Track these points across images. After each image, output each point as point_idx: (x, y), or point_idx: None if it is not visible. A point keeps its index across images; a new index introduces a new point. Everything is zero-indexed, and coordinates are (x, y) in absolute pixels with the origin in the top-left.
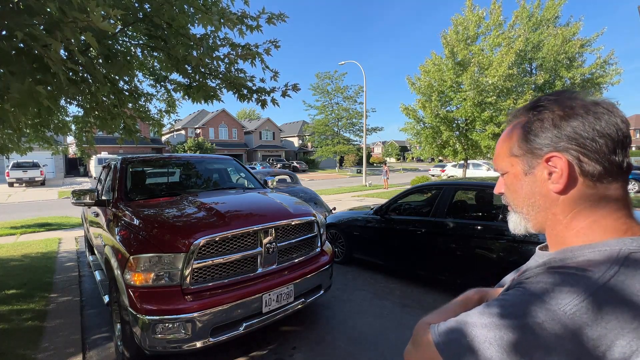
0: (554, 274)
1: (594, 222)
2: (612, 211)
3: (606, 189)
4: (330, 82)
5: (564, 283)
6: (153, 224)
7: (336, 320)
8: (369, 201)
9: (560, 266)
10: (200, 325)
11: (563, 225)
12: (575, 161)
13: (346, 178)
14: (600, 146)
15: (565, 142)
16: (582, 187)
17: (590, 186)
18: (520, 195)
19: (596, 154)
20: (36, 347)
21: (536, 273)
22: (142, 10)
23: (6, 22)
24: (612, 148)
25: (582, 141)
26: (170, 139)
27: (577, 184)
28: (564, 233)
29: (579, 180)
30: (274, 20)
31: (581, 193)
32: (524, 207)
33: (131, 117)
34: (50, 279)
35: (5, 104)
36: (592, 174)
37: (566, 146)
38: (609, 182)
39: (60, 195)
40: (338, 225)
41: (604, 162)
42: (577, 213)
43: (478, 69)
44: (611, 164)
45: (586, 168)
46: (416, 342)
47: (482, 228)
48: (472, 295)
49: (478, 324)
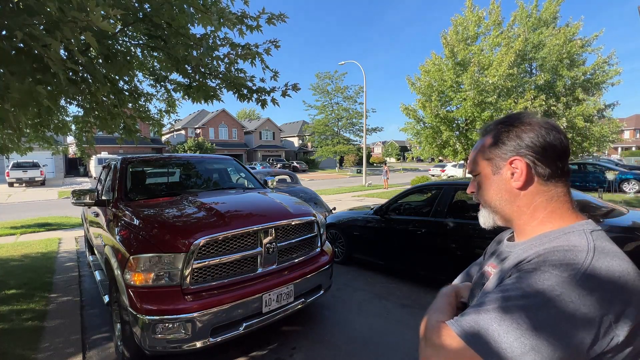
0: (553, 252)
1: (552, 212)
2: (562, 203)
3: (555, 187)
4: (331, 82)
5: (566, 257)
6: (153, 224)
7: (336, 320)
8: (369, 201)
9: (554, 247)
10: (200, 325)
11: (527, 215)
12: (532, 164)
13: (346, 178)
14: (549, 154)
15: (525, 149)
16: (537, 185)
17: (542, 184)
18: (490, 191)
19: (546, 159)
20: (36, 347)
21: (538, 257)
22: (142, 10)
23: (6, 22)
24: (557, 156)
25: (536, 149)
26: (170, 139)
27: (533, 182)
28: (530, 222)
29: (534, 179)
30: (274, 20)
31: (537, 189)
32: (492, 201)
33: (131, 117)
34: (50, 279)
35: (5, 104)
36: (544, 174)
37: (525, 152)
38: (556, 182)
39: (60, 195)
40: (338, 225)
41: (551, 165)
42: (537, 206)
43: (478, 69)
44: (556, 167)
45: (539, 170)
46: (435, 342)
47: (482, 228)
48: (449, 292)
49: (509, 308)
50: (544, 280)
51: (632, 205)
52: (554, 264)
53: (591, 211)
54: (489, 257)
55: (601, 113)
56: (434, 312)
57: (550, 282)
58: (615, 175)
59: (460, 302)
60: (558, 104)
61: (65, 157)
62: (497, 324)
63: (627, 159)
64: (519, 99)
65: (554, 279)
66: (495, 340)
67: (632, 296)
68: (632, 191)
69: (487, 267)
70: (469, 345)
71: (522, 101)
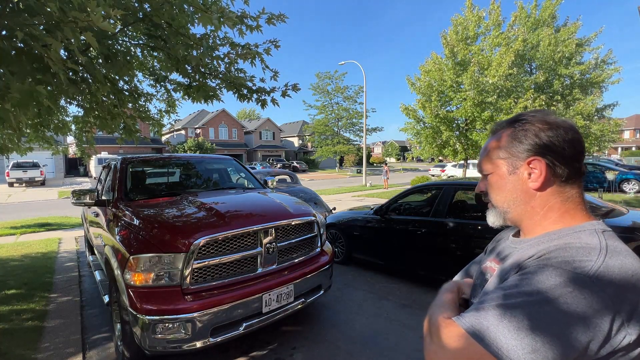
0: (565, 248)
1: (565, 212)
2: (576, 205)
3: (571, 188)
4: (331, 82)
5: (579, 254)
6: (153, 224)
7: (336, 320)
8: (369, 201)
9: (565, 243)
10: (200, 325)
11: (540, 215)
12: (551, 164)
13: (346, 178)
14: (568, 154)
15: (544, 149)
16: (554, 186)
17: (560, 185)
18: (504, 191)
19: (565, 159)
20: (36, 347)
21: (548, 253)
22: (142, 10)
23: (6, 22)
24: (575, 156)
25: (556, 149)
26: (170, 139)
27: (551, 183)
28: (542, 222)
29: (552, 180)
30: (274, 20)
31: (554, 190)
32: (505, 201)
33: (131, 117)
34: (50, 279)
35: (6, 104)
36: (562, 175)
37: (545, 152)
38: (572, 183)
39: (60, 195)
40: (338, 225)
41: (569, 166)
42: (551, 206)
43: (478, 69)
44: (574, 168)
45: (558, 170)
46: (441, 338)
47: (482, 228)
48: (452, 288)
49: (516, 305)
50: (556, 277)
51: (632, 205)
52: (566, 259)
53: (591, 211)
54: (489, 254)
55: (601, 113)
56: (438, 308)
57: (562, 278)
58: (615, 175)
59: (462, 299)
60: (558, 105)
61: (65, 157)
62: (508, 321)
63: (627, 159)
64: (519, 98)
65: (566, 275)
66: (505, 336)
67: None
68: (632, 191)
69: (490, 262)
70: (477, 342)
71: (522, 101)
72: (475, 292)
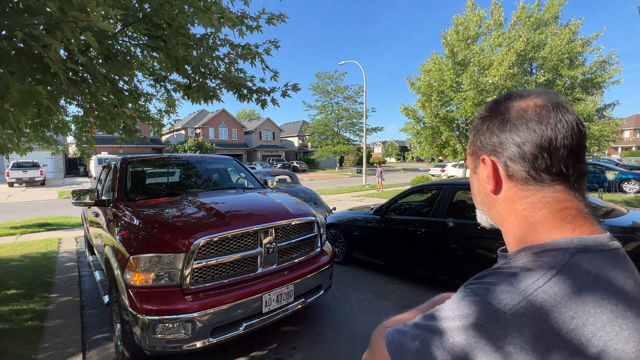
0: (495, 274)
1: (539, 222)
2: (557, 212)
3: (540, 191)
4: (331, 82)
5: (501, 283)
6: (153, 224)
7: (336, 320)
8: (369, 201)
9: (504, 266)
10: (200, 325)
11: (509, 223)
12: (502, 164)
13: (346, 178)
14: (529, 149)
15: (496, 145)
16: (513, 189)
17: (521, 188)
18: (473, 191)
19: (523, 155)
20: (36, 347)
21: (482, 275)
22: (142, 10)
23: (6, 22)
24: (543, 151)
25: (512, 143)
26: (170, 139)
27: (507, 185)
28: (515, 231)
29: (507, 181)
30: (274, 20)
31: (514, 195)
32: (478, 203)
33: (131, 117)
34: (50, 279)
35: (5, 103)
36: (519, 176)
37: (496, 148)
38: (543, 185)
39: (60, 195)
40: (338, 225)
41: (532, 164)
42: (519, 214)
43: (478, 69)
44: (540, 167)
45: (511, 170)
46: (372, 347)
47: (482, 228)
48: (438, 300)
49: (429, 326)
50: (471, 305)
51: (632, 205)
52: (495, 288)
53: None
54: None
55: (601, 113)
56: (394, 317)
57: (474, 308)
58: (616, 175)
59: None
60: None
61: (65, 157)
62: (411, 340)
63: (627, 159)
64: None
65: (481, 306)
66: (405, 356)
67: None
68: (632, 191)
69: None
70: (390, 355)
71: None
72: None
